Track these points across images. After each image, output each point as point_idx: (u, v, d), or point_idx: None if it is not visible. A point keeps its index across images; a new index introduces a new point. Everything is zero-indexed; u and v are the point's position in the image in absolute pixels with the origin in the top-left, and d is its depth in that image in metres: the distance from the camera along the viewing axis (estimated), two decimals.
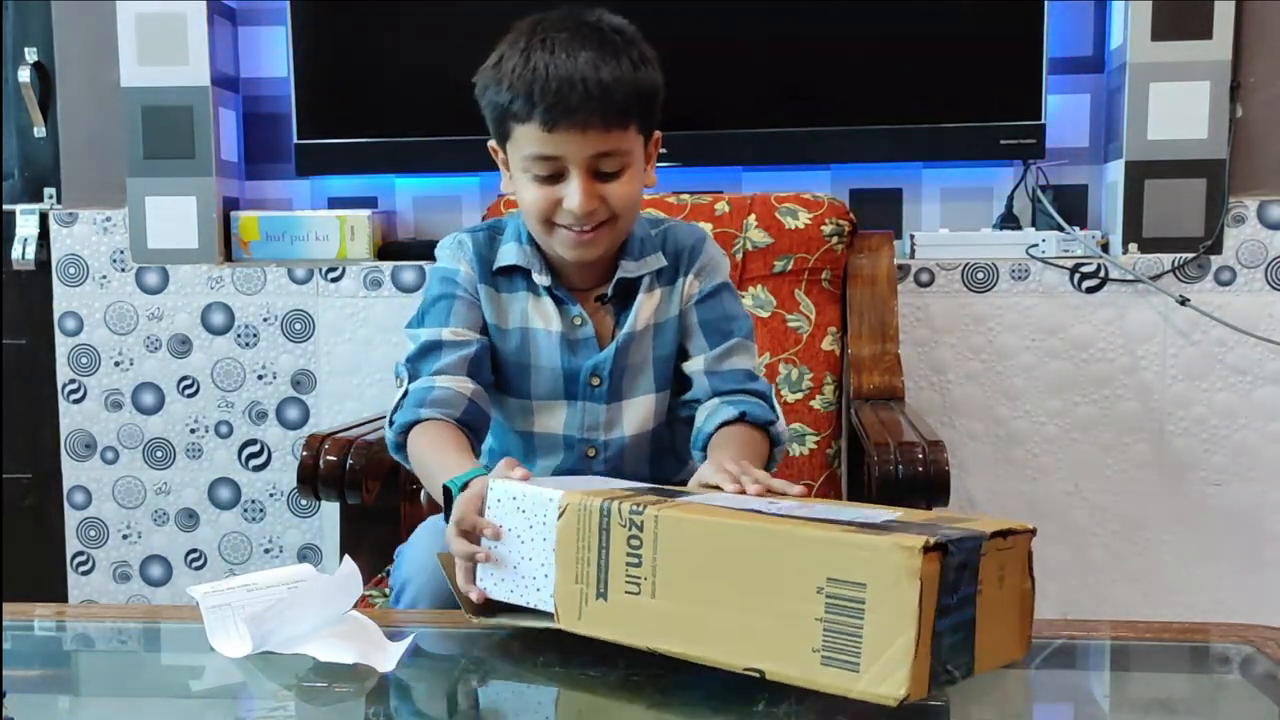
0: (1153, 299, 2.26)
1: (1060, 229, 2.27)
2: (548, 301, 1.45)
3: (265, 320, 2.43)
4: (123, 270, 2.47)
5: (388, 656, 1.01)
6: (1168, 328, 2.26)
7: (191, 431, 2.48)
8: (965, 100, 2.31)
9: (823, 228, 2.06)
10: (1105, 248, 2.28)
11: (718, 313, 1.47)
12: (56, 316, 2.49)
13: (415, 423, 1.37)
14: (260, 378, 2.45)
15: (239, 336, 2.44)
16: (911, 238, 2.33)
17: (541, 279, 1.44)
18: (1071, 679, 1.09)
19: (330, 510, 2.23)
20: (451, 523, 1.14)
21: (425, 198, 2.55)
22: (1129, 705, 1.04)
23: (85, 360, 2.49)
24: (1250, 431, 2.27)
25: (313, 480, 1.62)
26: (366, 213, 2.43)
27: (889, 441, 1.61)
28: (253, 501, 2.49)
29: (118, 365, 2.48)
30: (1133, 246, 2.25)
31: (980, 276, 2.29)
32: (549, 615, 1.03)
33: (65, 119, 2.51)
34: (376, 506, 1.65)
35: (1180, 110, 2.22)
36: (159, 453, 2.50)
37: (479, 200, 2.51)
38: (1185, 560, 2.31)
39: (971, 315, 2.29)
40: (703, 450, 1.39)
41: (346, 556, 1.09)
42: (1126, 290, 2.26)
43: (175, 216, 2.43)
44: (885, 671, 0.83)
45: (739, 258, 2.04)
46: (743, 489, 1.10)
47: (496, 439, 1.52)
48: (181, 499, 2.51)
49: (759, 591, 0.90)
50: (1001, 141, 2.29)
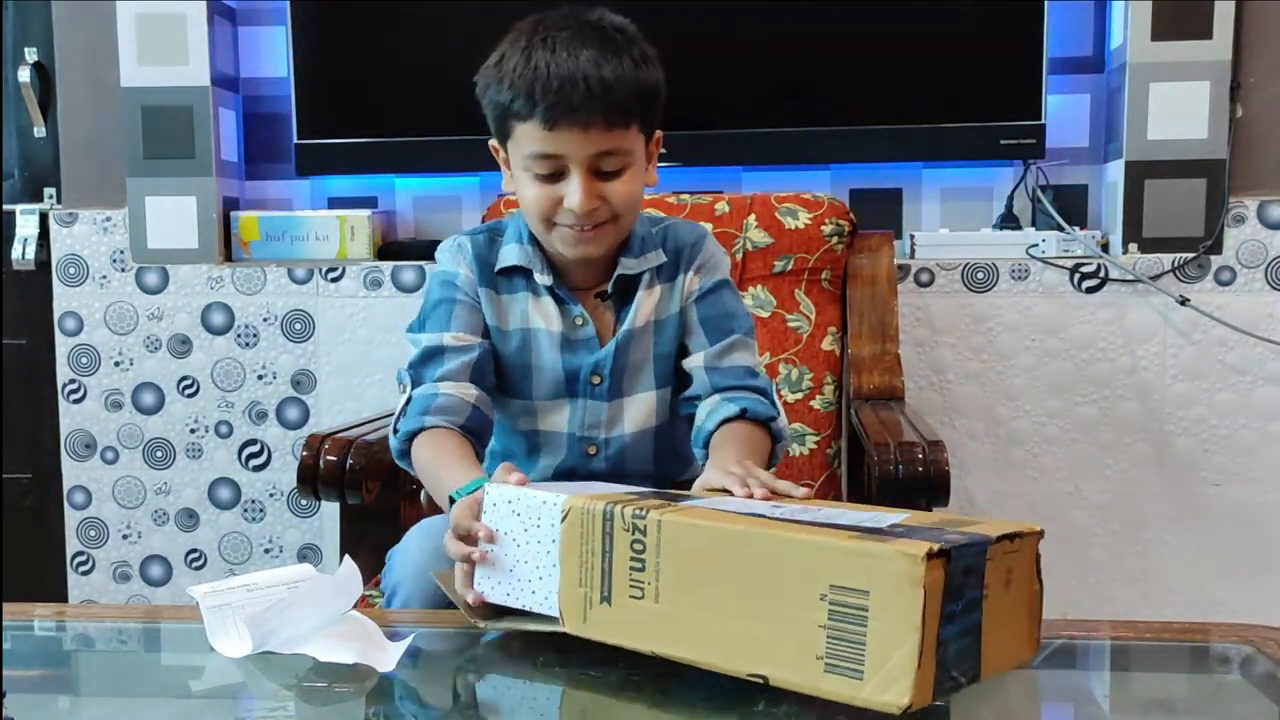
0: (1153, 299, 2.26)
1: (1060, 229, 2.27)
2: (548, 301, 1.45)
3: (265, 320, 2.43)
4: (123, 270, 2.47)
5: (388, 656, 1.01)
6: (1168, 328, 2.26)
7: (191, 431, 2.48)
8: (965, 100, 2.31)
9: (823, 228, 2.06)
10: (1105, 248, 2.28)
11: (718, 309, 1.46)
12: (56, 316, 2.49)
13: (419, 430, 1.37)
14: (260, 378, 2.45)
15: (239, 336, 2.45)
16: (911, 238, 2.34)
17: (543, 279, 1.44)
18: (1071, 679, 1.09)
19: (330, 510, 2.23)
20: (449, 528, 1.14)
21: (425, 198, 2.55)
22: (1129, 705, 1.04)
23: (85, 360, 2.49)
24: (1250, 431, 2.27)
25: (313, 480, 1.62)
26: (366, 213, 2.44)
27: (889, 441, 1.60)
28: (253, 501, 2.49)
29: (118, 365, 2.48)
30: (1133, 246, 2.25)
31: (980, 276, 2.29)
32: (550, 619, 1.03)
33: (65, 119, 2.51)
34: (376, 506, 1.65)
35: (1180, 110, 2.22)
36: (159, 453, 2.50)
37: (479, 200, 2.51)
38: (1185, 560, 2.31)
39: (971, 315, 2.29)
40: (704, 448, 1.38)
41: (347, 556, 1.09)
42: (1126, 290, 2.26)
43: (175, 216, 2.43)
44: (889, 680, 0.83)
45: (739, 258, 2.05)
46: (750, 492, 1.09)
47: (499, 439, 1.52)
48: (181, 499, 2.51)
49: (762, 597, 0.90)
50: (1001, 141, 2.29)
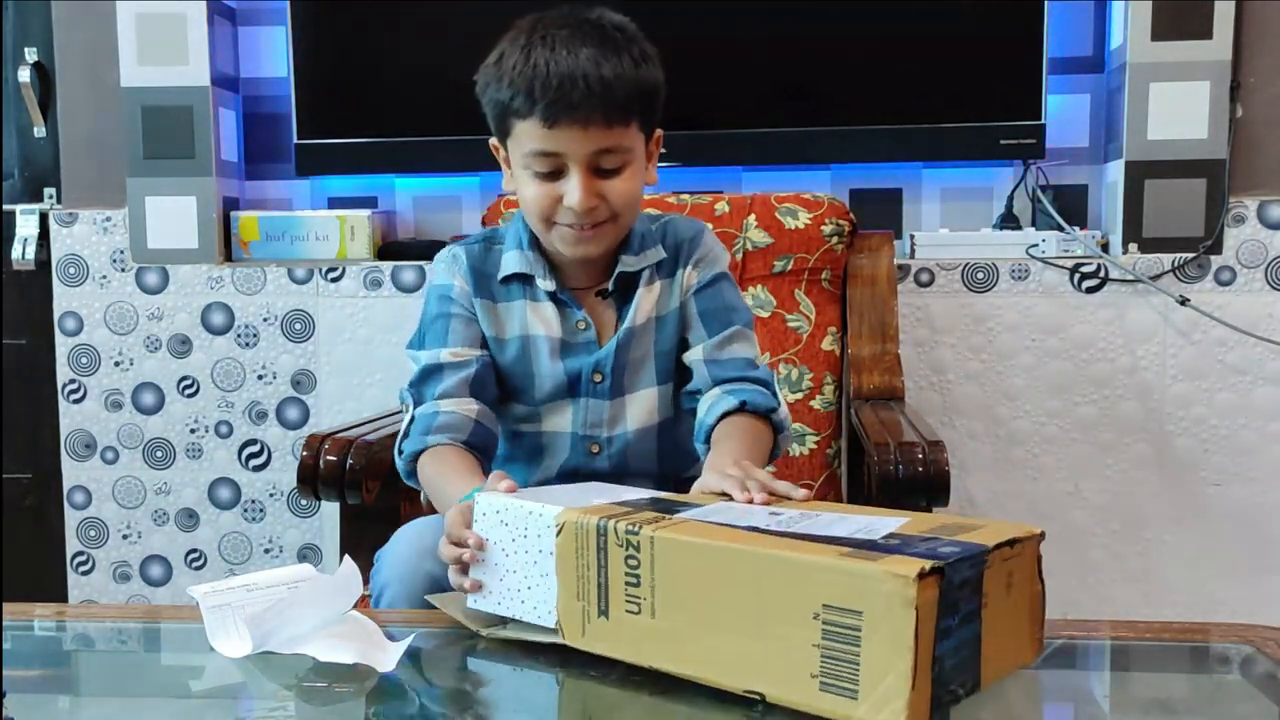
0: (1153, 299, 2.26)
1: (1060, 229, 2.27)
2: (547, 306, 1.45)
3: (265, 320, 2.43)
4: (123, 270, 2.47)
5: (388, 656, 1.01)
6: (1168, 328, 2.26)
7: (191, 431, 2.48)
8: (965, 100, 2.31)
9: (823, 228, 2.06)
10: (1105, 248, 2.28)
11: (717, 302, 1.46)
12: (56, 316, 2.49)
13: (424, 450, 1.39)
14: (260, 378, 2.45)
15: (239, 336, 2.44)
16: (911, 238, 2.33)
17: (545, 283, 1.44)
18: (1071, 679, 1.08)
19: (330, 510, 2.23)
20: (443, 535, 1.15)
21: (425, 198, 2.55)
22: (1129, 705, 1.04)
23: (85, 360, 2.49)
24: (1250, 431, 2.27)
25: (313, 480, 1.62)
26: (366, 213, 2.44)
27: (889, 441, 1.60)
28: (253, 501, 2.49)
29: (118, 365, 2.48)
30: (1133, 246, 2.25)
31: (980, 276, 2.29)
32: (545, 629, 1.03)
33: (65, 119, 2.51)
34: (376, 506, 1.65)
35: (1180, 110, 2.22)
36: (159, 453, 2.50)
37: (479, 200, 2.51)
38: (1185, 560, 2.31)
39: (971, 315, 2.29)
40: (705, 442, 1.38)
41: (347, 556, 1.09)
42: (1126, 290, 2.26)
43: (175, 216, 2.43)
44: (883, 700, 0.82)
45: (739, 258, 2.05)
46: (750, 496, 1.09)
47: (502, 444, 1.52)
48: (181, 499, 2.51)
49: (757, 615, 0.89)
50: (1001, 141, 2.29)
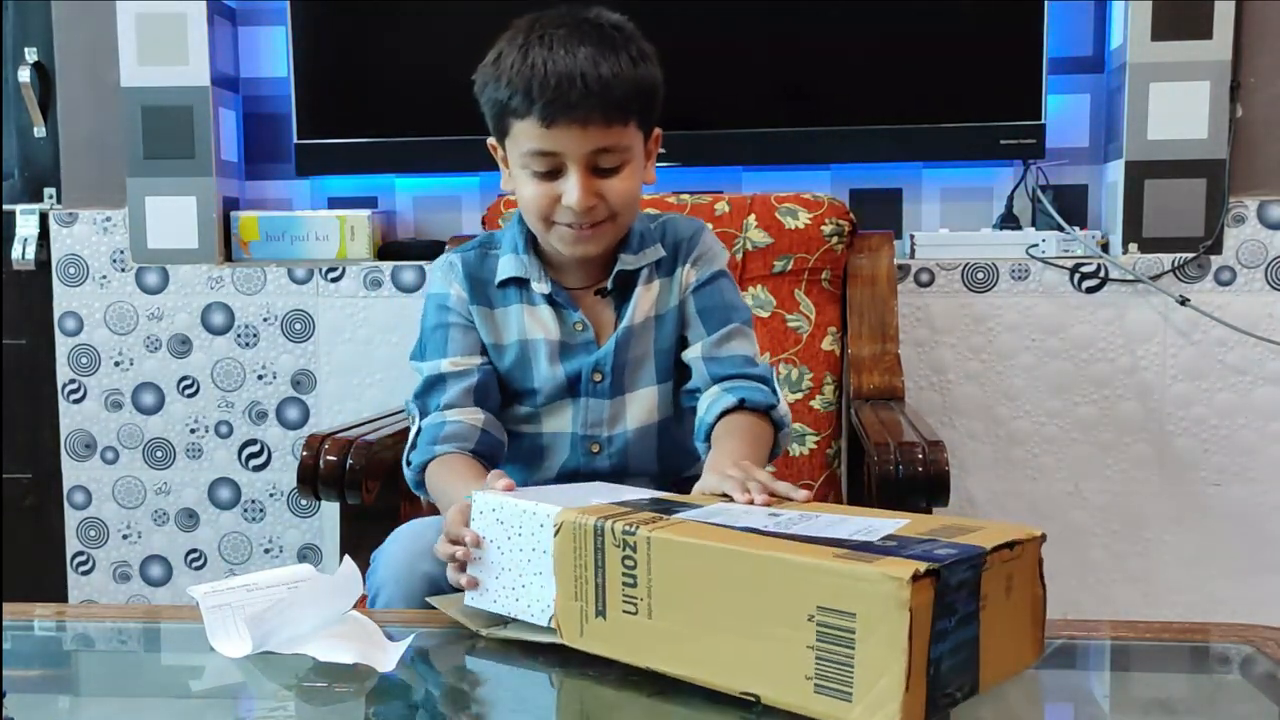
0: (1153, 299, 2.26)
1: (1060, 229, 2.27)
2: (544, 309, 1.45)
3: (265, 320, 2.43)
4: (123, 270, 2.47)
5: (388, 656, 1.01)
6: (1168, 328, 2.26)
7: (191, 431, 2.48)
8: (965, 100, 2.31)
9: (823, 228, 2.06)
10: (1105, 248, 2.28)
11: (715, 300, 1.46)
12: (56, 316, 2.49)
13: (432, 460, 1.39)
14: (260, 378, 2.45)
15: (239, 336, 2.44)
16: (911, 238, 2.33)
17: (541, 286, 1.44)
18: (1071, 679, 1.08)
19: (330, 510, 2.23)
20: (442, 532, 1.15)
21: (425, 198, 2.55)
22: (1129, 705, 1.04)
23: (85, 360, 2.49)
24: (1250, 431, 2.27)
25: (313, 480, 1.62)
26: (366, 213, 2.44)
27: (889, 441, 1.60)
28: (253, 501, 2.49)
29: (118, 365, 2.48)
30: (1133, 246, 2.25)
31: (980, 276, 2.29)
32: (545, 629, 1.03)
33: (65, 119, 2.51)
34: (376, 506, 1.65)
35: (1180, 110, 2.22)
36: (159, 453, 2.50)
37: (479, 200, 2.51)
38: (1185, 560, 2.31)
39: (971, 315, 2.29)
40: (705, 441, 1.38)
41: (346, 556, 1.09)
42: (1126, 290, 2.26)
43: (175, 216, 2.43)
44: (877, 703, 0.81)
45: (739, 258, 2.04)
46: (750, 497, 1.09)
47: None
48: (181, 499, 2.51)
49: (752, 616, 0.89)
50: (1001, 141, 2.29)
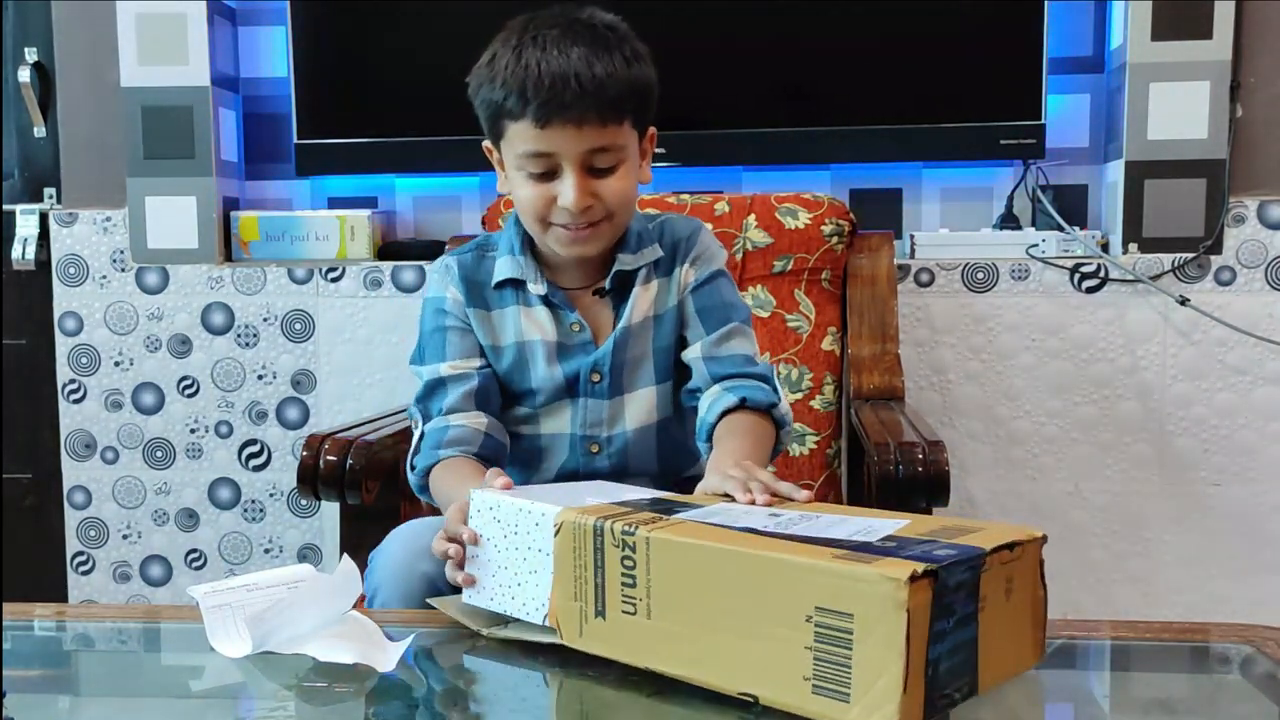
0: (1153, 299, 2.26)
1: (1060, 229, 2.27)
2: (541, 310, 1.45)
3: (265, 320, 2.43)
4: (123, 270, 2.47)
5: (388, 656, 1.01)
6: (1168, 328, 2.26)
7: (191, 431, 2.48)
8: (965, 100, 2.31)
9: (823, 228, 2.06)
10: (1105, 248, 2.28)
11: (714, 299, 1.46)
12: (56, 316, 2.49)
13: (436, 464, 1.40)
14: (260, 378, 2.45)
15: (239, 336, 2.44)
16: (911, 238, 2.33)
17: (537, 288, 1.44)
18: (1071, 679, 1.08)
19: (330, 510, 2.23)
20: (441, 529, 1.16)
21: (425, 198, 2.55)
22: (1129, 705, 1.04)
23: (85, 360, 2.49)
24: (1250, 431, 2.27)
25: (313, 480, 1.62)
26: (366, 213, 2.44)
27: (889, 441, 1.60)
28: (253, 501, 2.49)
29: (118, 365, 2.48)
30: (1133, 246, 2.25)
31: (980, 276, 2.29)
32: (546, 629, 1.03)
33: (65, 119, 2.51)
34: (376, 506, 1.65)
35: (1180, 110, 2.22)
36: (159, 453, 2.50)
37: (479, 200, 2.51)
38: (1185, 560, 2.31)
39: (971, 315, 2.29)
40: (707, 441, 1.38)
41: (345, 555, 1.09)
42: (1126, 290, 2.26)
43: (175, 216, 2.43)
44: (874, 704, 0.81)
45: (739, 258, 2.04)
46: (752, 497, 1.09)
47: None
48: (181, 499, 2.51)
49: (750, 617, 0.89)
50: (1001, 141, 2.29)
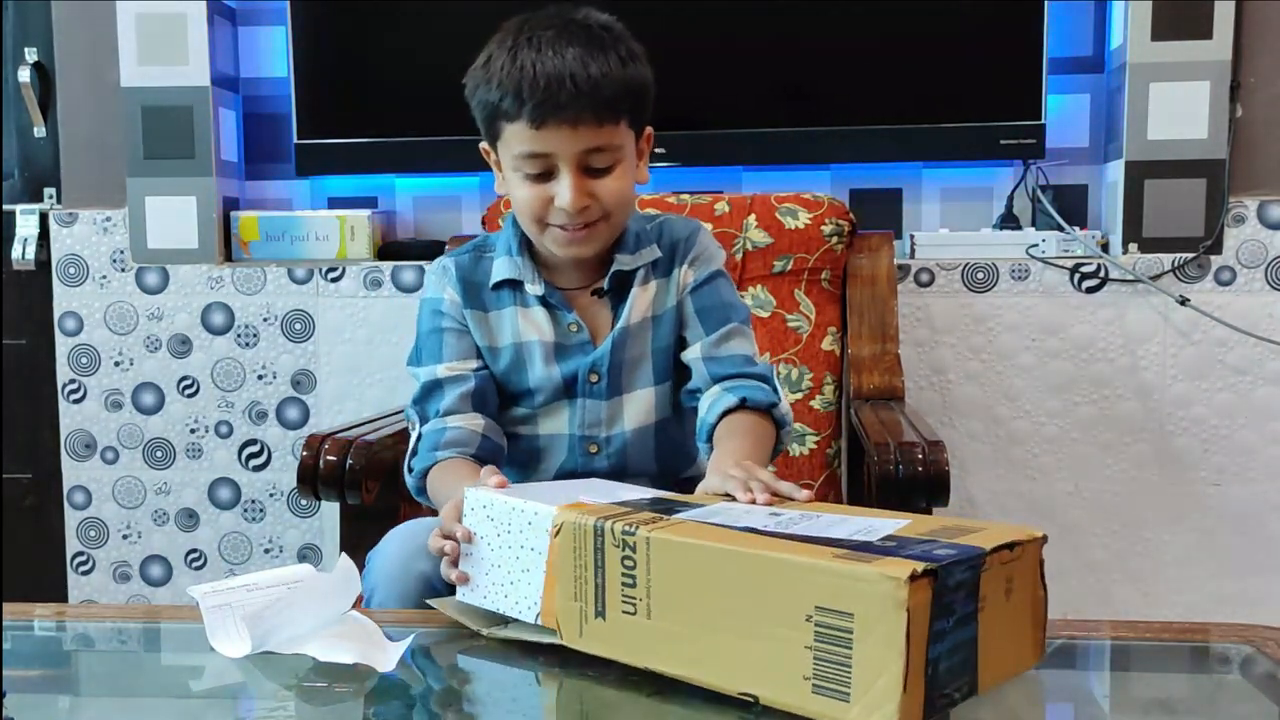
0: (1153, 299, 2.26)
1: (1060, 229, 2.27)
2: (538, 311, 1.45)
3: (265, 320, 2.43)
4: (123, 270, 2.47)
5: (388, 656, 1.01)
6: (1168, 328, 2.26)
7: (191, 431, 2.48)
8: (965, 100, 2.31)
9: (823, 228, 2.06)
10: (1105, 248, 2.28)
11: (714, 300, 1.46)
12: (56, 316, 2.49)
13: (433, 466, 1.40)
14: (260, 378, 2.45)
15: (239, 336, 2.44)
16: (911, 238, 2.33)
17: (534, 288, 1.44)
18: (1071, 679, 1.08)
19: (330, 510, 2.23)
20: (437, 524, 1.16)
21: (425, 198, 2.55)
22: (1129, 705, 1.04)
23: (85, 360, 2.49)
24: (1250, 431, 2.27)
25: (313, 480, 1.62)
26: (366, 213, 2.44)
27: (889, 441, 1.60)
28: (253, 501, 2.49)
29: (118, 365, 2.48)
30: (1133, 246, 2.25)
31: (980, 276, 2.29)
32: (546, 630, 1.03)
33: (65, 119, 2.51)
34: (376, 506, 1.65)
35: (1180, 110, 2.22)
36: (159, 453, 2.50)
37: (479, 200, 2.51)
38: (1185, 560, 2.31)
39: (971, 315, 2.29)
40: (708, 441, 1.38)
41: (343, 554, 1.09)
42: (1126, 290, 2.26)
43: (175, 216, 2.43)
44: (874, 703, 0.82)
45: (739, 258, 2.04)
46: (753, 497, 1.09)
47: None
48: (181, 499, 2.51)
49: (750, 617, 0.89)
50: (1001, 141, 2.29)
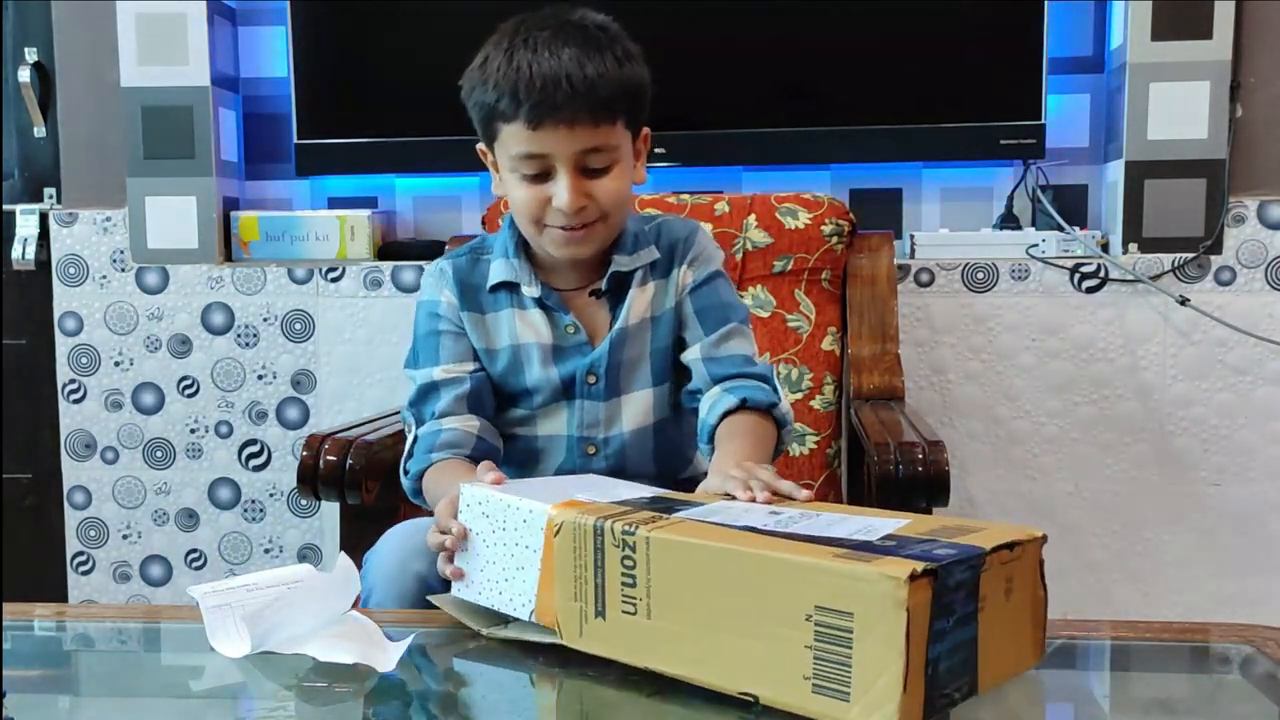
0: (1153, 299, 2.26)
1: (1060, 229, 2.27)
2: (535, 313, 1.45)
3: (265, 320, 2.43)
4: (123, 270, 2.47)
5: (388, 656, 1.01)
6: (1168, 328, 2.26)
7: (191, 431, 2.48)
8: (965, 100, 2.31)
9: (823, 228, 2.06)
10: (1105, 248, 2.28)
11: (713, 300, 1.46)
12: (56, 316, 2.49)
13: (429, 468, 1.40)
14: (260, 378, 2.45)
15: (239, 336, 2.44)
16: (911, 238, 2.33)
17: (530, 290, 1.44)
18: (1071, 679, 1.08)
19: (330, 510, 2.23)
20: (434, 522, 1.17)
21: (425, 198, 2.55)
22: (1129, 705, 1.04)
23: (85, 360, 2.49)
24: (1250, 431, 2.27)
25: (313, 480, 1.62)
26: (366, 213, 2.44)
27: (889, 441, 1.60)
28: (253, 501, 2.49)
29: (118, 365, 2.48)
30: (1133, 246, 2.25)
31: (980, 276, 2.29)
32: (546, 630, 1.03)
33: (65, 119, 2.51)
34: (376, 506, 1.65)
35: (1180, 110, 2.22)
36: (159, 453, 2.50)
37: (479, 200, 2.51)
38: (1185, 560, 2.31)
39: (971, 315, 2.29)
40: (709, 443, 1.38)
41: (342, 554, 1.09)
42: (1126, 290, 2.26)
43: (175, 216, 2.43)
44: (875, 703, 0.82)
45: (739, 258, 2.05)
46: (753, 496, 1.09)
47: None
48: (181, 499, 2.51)
49: (750, 616, 0.89)
50: (1001, 141, 2.29)
